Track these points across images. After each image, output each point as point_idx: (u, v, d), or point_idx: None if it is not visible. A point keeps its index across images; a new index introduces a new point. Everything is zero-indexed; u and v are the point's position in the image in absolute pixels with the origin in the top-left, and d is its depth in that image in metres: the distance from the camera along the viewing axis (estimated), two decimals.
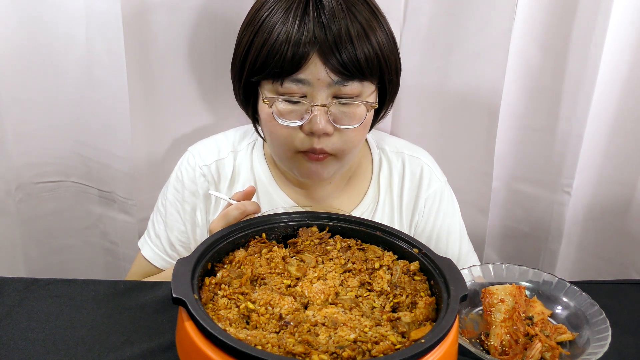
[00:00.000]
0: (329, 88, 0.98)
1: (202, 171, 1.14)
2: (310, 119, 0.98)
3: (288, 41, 0.95)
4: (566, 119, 1.30)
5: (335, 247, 0.90)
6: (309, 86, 0.97)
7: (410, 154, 1.19)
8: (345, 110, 1.00)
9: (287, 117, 1.00)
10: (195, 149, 1.17)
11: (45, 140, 1.30)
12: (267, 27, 0.98)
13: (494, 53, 1.26)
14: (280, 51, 0.96)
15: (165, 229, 1.17)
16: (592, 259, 1.46)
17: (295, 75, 0.97)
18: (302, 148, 1.02)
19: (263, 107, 1.02)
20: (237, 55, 1.04)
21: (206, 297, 0.79)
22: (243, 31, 1.04)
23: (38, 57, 1.23)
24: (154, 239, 1.18)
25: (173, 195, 1.16)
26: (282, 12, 0.97)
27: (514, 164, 1.40)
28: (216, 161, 1.15)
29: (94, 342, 0.88)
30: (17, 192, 1.30)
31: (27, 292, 0.96)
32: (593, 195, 1.40)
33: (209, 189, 1.14)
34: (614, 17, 1.19)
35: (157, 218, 1.19)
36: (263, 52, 0.98)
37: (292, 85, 0.98)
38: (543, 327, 0.93)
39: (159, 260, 1.18)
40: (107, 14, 1.17)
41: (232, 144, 1.18)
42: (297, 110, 0.99)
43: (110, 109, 1.26)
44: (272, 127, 1.02)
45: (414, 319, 0.78)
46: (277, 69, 0.97)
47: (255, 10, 1.02)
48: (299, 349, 0.71)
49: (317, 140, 1.00)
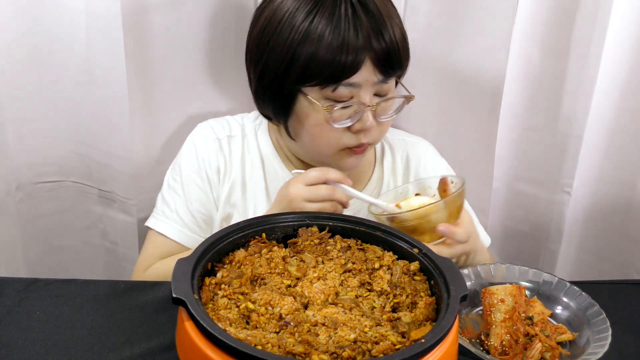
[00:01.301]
0: (373, 87, 1.04)
1: (214, 144, 1.17)
2: (360, 118, 1.04)
3: (346, 48, 0.99)
4: (566, 119, 1.30)
5: (335, 247, 0.90)
6: (358, 88, 1.02)
7: (412, 140, 1.26)
8: (384, 104, 1.07)
9: (339, 120, 1.04)
10: (207, 123, 1.20)
11: (45, 140, 1.30)
12: (316, 35, 0.99)
13: (494, 53, 1.26)
14: (338, 59, 0.99)
15: (185, 202, 1.16)
16: (592, 259, 1.46)
17: (349, 80, 1.01)
18: (350, 145, 1.07)
19: (311, 113, 1.05)
20: (274, 66, 1.04)
21: (206, 297, 0.79)
22: (275, 40, 1.03)
23: (38, 57, 1.22)
24: (170, 215, 1.16)
25: (187, 168, 1.16)
26: (328, 19, 0.99)
27: (514, 164, 1.40)
28: (228, 137, 1.19)
29: (94, 342, 0.88)
30: (17, 192, 1.30)
31: (27, 292, 0.96)
32: (593, 195, 1.39)
33: (220, 163, 1.16)
34: (614, 17, 1.19)
35: (171, 194, 1.17)
36: (316, 61, 1.00)
37: (345, 90, 1.02)
38: (543, 327, 0.93)
39: (179, 235, 1.16)
40: (107, 14, 1.17)
41: (241, 125, 1.21)
42: (347, 112, 1.05)
43: (110, 109, 1.26)
44: (321, 131, 1.06)
45: (414, 319, 0.78)
46: (335, 76, 1.00)
47: (286, 18, 1.01)
48: (299, 349, 0.71)
49: (363, 135, 1.07)
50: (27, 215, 1.33)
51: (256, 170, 1.18)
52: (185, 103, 1.33)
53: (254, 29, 1.09)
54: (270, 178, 1.18)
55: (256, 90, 1.11)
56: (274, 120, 1.14)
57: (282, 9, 1.03)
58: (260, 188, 1.18)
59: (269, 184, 1.18)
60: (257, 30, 1.07)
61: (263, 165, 1.19)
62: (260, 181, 1.18)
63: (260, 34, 1.06)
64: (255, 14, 1.10)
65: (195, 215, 1.16)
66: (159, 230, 1.16)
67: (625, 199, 1.38)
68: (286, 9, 1.02)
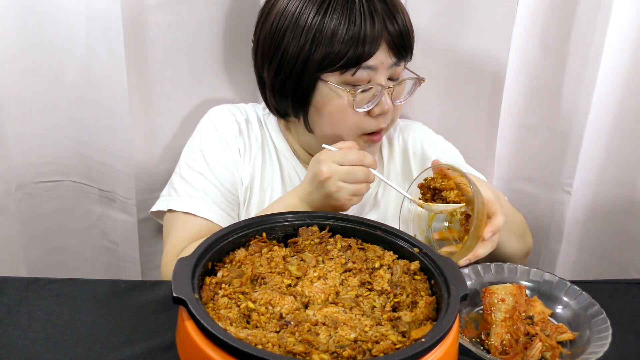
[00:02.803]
0: (387, 70, 1.07)
1: (234, 126, 1.17)
2: (379, 102, 1.07)
3: (364, 36, 1.02)
4: (566, 118, 1.30)
5: (336, 247, 0.90)
6: (374, 71, 1.05)
7: (404, 123, 1.29)
8: (398, 88, 1.10)
9: (361, 104, 1.06)
10: (223, 107, 1.21)
11: (45, 140, 1.30)
12: (333, 23, 1.02)
13: (494, 53, 1.26)
14: (357, 47, 1.02)
15: (212, 182, 1.13)
16: (593, 258, 1.46)
17: (367, 63, 1.04)
18: (369, 130, 1.10)
19: (332, 99, 1.06)
20: (291, 59, 1.05)
21: (206, 296, 0.79)
22: (289, 34, 1.04)
23: (38, 57, 1.22)
24: (197, 194, 1.12)
25: (211, 148, 1.15)
26: (343, 6, 1.02)
27: (514, 164, 1.40)
28: (246, 120, 1.20)
29: (94, 342, 0.88)
30: (17, 192, 1.30)
31: (28, 292, 0.96)
32: (593, 194, 1.39)
33: (240, 146, 1.16)
34: (614, 16, 1.19)
35: (193, 174, 1.13)
36: (338, 45, 1.02)
37: (364, 73, 1.05)
38: (543, 327, 0.93)
39: (212, 214, 1.11)
40: (107, 14, 1.17)
41: (255, 112, 1.22)
42: (367, 96, 1.07)
43: (110, 108, 1.26)
44: (342, 117, 1.08)
45: (414, 319, 0.78)
46: (354, 61, 1.03)
47: (299, 10, 1.04)
48: (299, 348, 0.71)
49: (382, 119, 1.09)
50: (27, 215, 1.33)
51: (272, 155, 1.19)
52: (185, 103, 1.33)
53: (263, 27, 1.10)
54: (286, 165, 1.19)
55: (272, 86, 1.11)
56: (290, 117, 1.14)
57: (293, 4, 1.04)
58: (277, 173, 1.18)
59: (284, 170, 1.19)
60: (268, 28, 1.08)
61: (277, 152, 1.19)
62: (276, 166, 1.19)
63: (272, 32, 1.07)
64: (262, 12, 1.11)
65: (225, 195, 1.14)
66: (188, 211, 1.11)
67: (625, 198, 1.38)
68: (297, 4, 1.04)
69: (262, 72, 1.13)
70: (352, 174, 0.99)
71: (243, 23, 1.29)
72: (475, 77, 1.30)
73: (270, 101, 1.14)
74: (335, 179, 0.99)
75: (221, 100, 1.35)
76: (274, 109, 1.16)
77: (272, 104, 1.15)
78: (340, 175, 0.98)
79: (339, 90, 1.05)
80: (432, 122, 1.35)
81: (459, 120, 1.36)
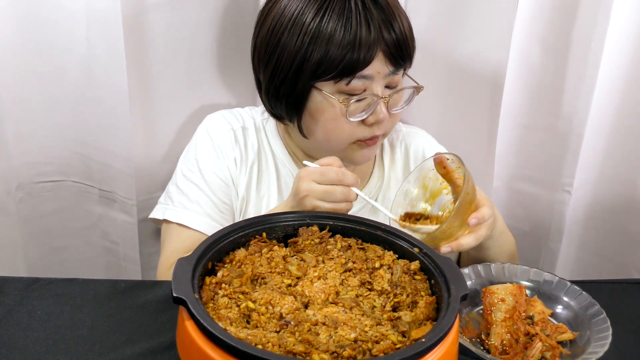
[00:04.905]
0: (384, 79, 1.05)
1: (230, 135, 1.17)
2: (374, 111, 1.05)
3: (359, 42, 1.00)
4: (567, 118, 1.30)
5: (336, 247, 0.90)
6: (370, 80, 1.04)
7: (408, 130, 1.27)
8: (395, 96, 1.09)
9: (354, 113, 1.05)
10: (219, 114, 1.20)
11: (45, 140, 1.30)
12: (327, 31, 1.00)
13: (494, 52, 1.26)
14: (352, 53, 1.00)
15: (206, 193, 1.13)
16: (593, 258, 1.46)
17: (362, 72, 1.02)
18: (363, 137, 1.09)
19: (325, 108, 1.05)
20: (286, 65, 1.04)
21: (207, 296, 0.79)
22: (285, 40, 1.03)
23: (38, 57, 1.22)
24: (190, 206, 1.13)
25: (205, 158, 1.15)
26: (339, 14, 1.00)
27: (514, 163, 1.40)
28: (242, 128, 1.19)
29: (94, 342, 0.88)
30: (17, 192, 1.30)
31: (28, 292, 0.96)
32: (594, 194, 1.39)
33: (236, 154, 1.15)
34: (615, 16, 1.19)
35: (188, 185, 1.14)
36: (331, 57, 1.01)
37: (358, 82, 1.03)
38: (544, 327, 0.93)
39: (204, 226, 1.12)
40: (107, 14, 1.17)
41: (252, 117, 1.21)
42: (362, 105, 1.06)
43: (110, 108, 1.26)
44: (335, 125, 1.07)
45: (414, 319, 0.78)
46: (348, 69, 1.01)
47: (295, 16, 1.02)
48: (299, 348, 0.71)
49: (377, 127, 1.08)
50: (27, 215, 1.33)
51: (269, 162, 1.19)
52: (186, 103, 1.33)
53: (261, 30, 1.09)
54: (284, 172, 1.19)
55: (267, 90, 1.10)
56: (285, 120, 1.14)
57: (291, 7, 1.03)
58: (273, 181, 1.18)
59: (280, 178, 1.19)
60: (265, 30, 1.07)
61: (274, 159, 1.19)
62: (272, 174, 1.18)
63: (268, 34, 1.06)
64: (261, 14, 1.10)
65: (218, 205, 1.14)
66: (182, 222, 1.12)
67: (625, 198, 1.38)
68: (295, 7, 1.03)
69: (259, 75, 1.13)
70: (330, 194, 0.97)
71: (243, 23, 1.29)
72: (475, 77, 1.30)
73: (266, 105, 1.14)
74: (312, 198, 0.97)
75: (221, 100, 1.35)
76: (271, 112, 1.16)
77: (267, 107, 1.15)
78: (317, 194, 0.97)
79: (332, 100, 1.05)
80: (432, 122, 1.35)
81: (459, 120, 1.36)
